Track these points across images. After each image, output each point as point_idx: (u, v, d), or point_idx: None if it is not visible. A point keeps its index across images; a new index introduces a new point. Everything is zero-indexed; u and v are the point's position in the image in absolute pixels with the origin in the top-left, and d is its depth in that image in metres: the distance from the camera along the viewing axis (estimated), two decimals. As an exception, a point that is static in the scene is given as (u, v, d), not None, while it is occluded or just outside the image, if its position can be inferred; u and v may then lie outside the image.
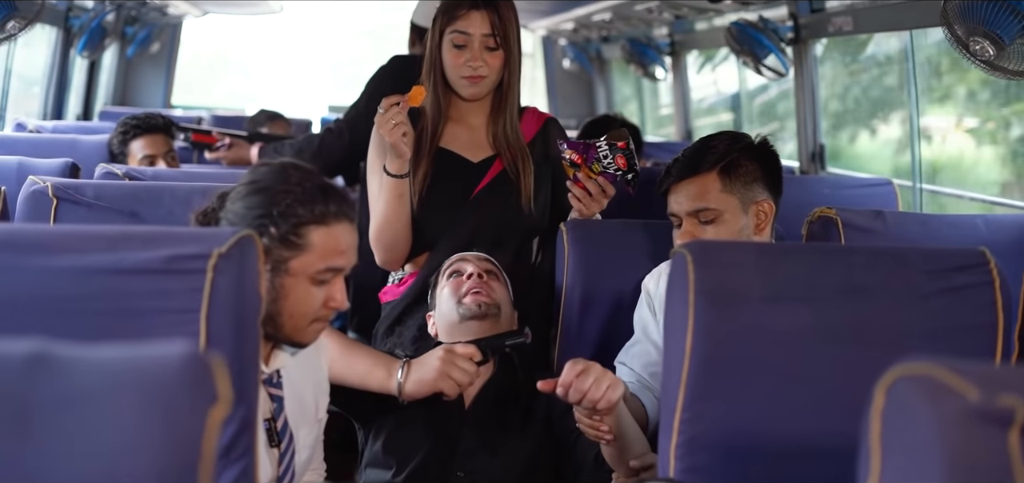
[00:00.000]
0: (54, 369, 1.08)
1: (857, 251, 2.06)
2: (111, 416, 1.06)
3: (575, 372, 2.21)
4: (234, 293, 1.85)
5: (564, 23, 8.08)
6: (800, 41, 4.67)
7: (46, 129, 5.54)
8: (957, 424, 1.14)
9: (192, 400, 1.08)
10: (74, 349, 1.11)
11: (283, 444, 2.20)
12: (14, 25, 4.41)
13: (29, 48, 6.52)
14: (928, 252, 2.08)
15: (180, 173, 3.68)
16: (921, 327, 1.99)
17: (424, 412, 2.73)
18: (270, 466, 2.19)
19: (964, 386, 1.15)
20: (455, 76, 3.15)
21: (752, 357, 1.95)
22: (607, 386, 2.22)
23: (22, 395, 1.07)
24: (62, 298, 1.83)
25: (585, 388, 2.21)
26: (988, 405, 1.14)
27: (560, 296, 3.06)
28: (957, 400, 1.15)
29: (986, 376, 1.17)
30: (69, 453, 1.05)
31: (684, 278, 1.96)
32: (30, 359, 1.08)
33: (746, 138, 2.82)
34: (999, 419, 1.14)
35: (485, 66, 3.12)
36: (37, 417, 1.06)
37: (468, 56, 3.11)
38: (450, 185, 3.14)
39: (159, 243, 1.86)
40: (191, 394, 1.08)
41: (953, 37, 2.99)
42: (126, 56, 8.57)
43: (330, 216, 2.14)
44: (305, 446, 2.30)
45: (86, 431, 1.05)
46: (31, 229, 1.93)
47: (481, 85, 3.15)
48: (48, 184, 2.68)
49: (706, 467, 1.97)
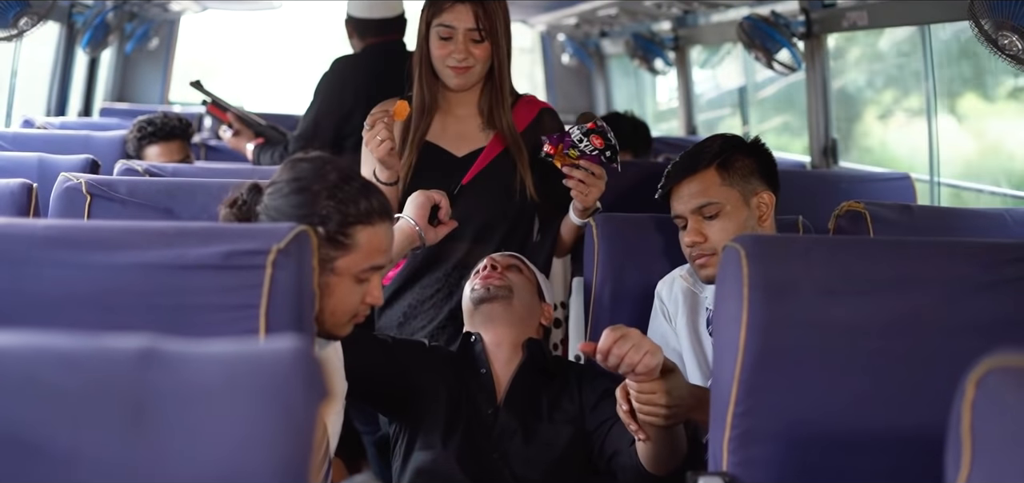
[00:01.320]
0: (167, 364, 1.08)
1: (909, 243, 2.07)
2: (229, 411, 1.06)
3: (614, 337, 2.21)
4: (293, 288, 1.86)
5: (566, 18, 8.09)
6: (812, 36, 4.69)
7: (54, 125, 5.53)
8: (1053, 416, 1.15)
9: (306, 395, 1.09)
10: (181, 344, 1.11)
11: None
12: (26, 22, 4.39)
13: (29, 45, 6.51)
14: (977, 244, 2.09)
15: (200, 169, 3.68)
16: (976, 319, 1.99)
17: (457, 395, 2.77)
18: None
19: (1058, 377, 1.17)
20: (441, 66, 3.18)
21: (807, 350, 1.95)
22: (645, 352, 2.22)
23: (136, 390, 1.07)
24: (124, 293, 1.85)
25: (623, 352, 2.20)
26: (1084, 396, 1.15)
27: (589, 290, 3.07)
28: (1052, 391, 1.16)
29: (1079, 367, 1.18)
30: (186, 448, 1.06)
31: (738, 271, 1.96)
32: (142, 354, 1.09)
33: (738, 138, 2.90)
34: (1094, 409, 1.15)
35: (471, 57, 3.15)
36: (152, 412, 1.06)
37: (453, 48, 3.15)
38: (431, 178, 3.12)
39: (218, 239, 1.87)
40: (304, 389, 1.09)
41: (981, 32, 3.00)
42: (124, 52, 8.54)
43: (375, 214, 2.17)
44: (334, 435, 2.31)
45: (204, 426, 1.06)
46: (89, 225, 1.94)
47: (468, 75, 3.18)
48: (82, 181, 2.68)
49: (760, 460, 1.97)
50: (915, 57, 4.72)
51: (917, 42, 4.49)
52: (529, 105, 3.33)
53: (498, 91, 3.22)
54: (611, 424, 2.64)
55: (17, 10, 4.37)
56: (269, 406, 1.07)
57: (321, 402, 1.11)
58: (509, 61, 3.25)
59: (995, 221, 3.04)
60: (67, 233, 1.88)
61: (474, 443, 2.72)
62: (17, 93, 6.25)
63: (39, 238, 1.86)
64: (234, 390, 1.07)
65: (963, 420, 1.24)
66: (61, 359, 1.08)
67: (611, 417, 2.60)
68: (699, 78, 7.42)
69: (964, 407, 1.24)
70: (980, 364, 1.23)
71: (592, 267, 3.05)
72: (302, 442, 1.08)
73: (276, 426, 1.06)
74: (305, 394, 1.09)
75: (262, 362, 1.09)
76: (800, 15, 4.68)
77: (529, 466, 2.71)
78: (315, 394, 1.10)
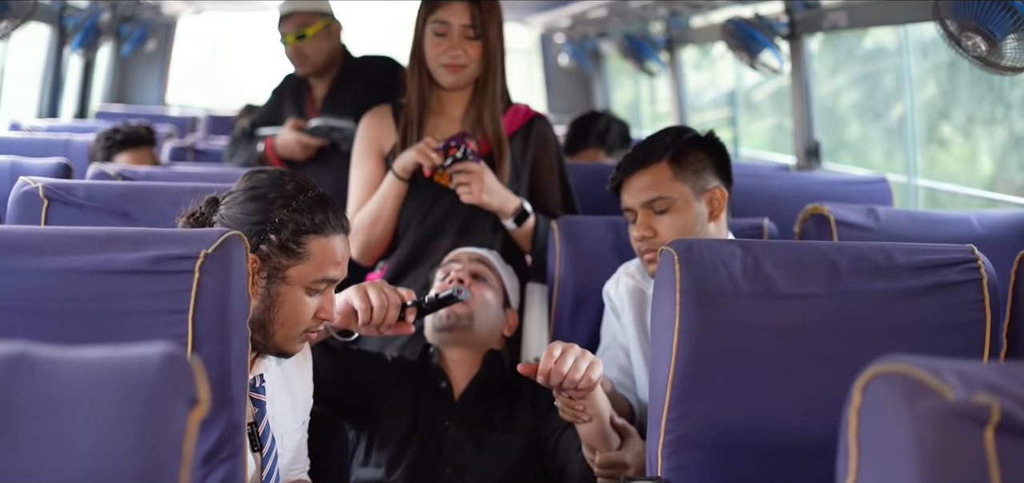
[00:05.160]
0: (35, 371, 1.08)
1: (844, 248, 2.05)
2: (92, 417, 1.06)
3: (554, 357, 2.19)
4: (221, 293, 1.86)
5: (561, 19, 8.09)
6: (796, 37, 4.68)
7: (41, 129, 5.54)
8: (933, 423, 1.14)
9: (172, 402, 1.09)
10: (55, 351, 1.11)
11: (265, 448, 2.21)
12: (7, 25, 4.40)
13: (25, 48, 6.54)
14: (916, 249, 2.07)
15: (172, 173, 3.67)
16: (909, 324, 1.99)
17: (412, 409, 2.75)
18: (255, 469, 2.20)
19: (940, 385, 1.16)
20: (435, 64, 3.23)
21: (739, 355, 1.95)
22: (587, 366, 2.19)
23: (3, 397, 1.07)
24: (52, 299, 1.85)
25: (565, 371, 2.18)
26: (964, 404, 1.14)
27: (551, 292, 3.07)
28: (933, 399, 1.15)
29: (962, 374, 1.17)
30: (51, 454, 1.06)
31: (670, 276, 1.96)
32: (11, 360, 1.09)
33: (692, 131, 2.86)
34: (975, 418, 1.14)
35: (464, 55, 3.19)
36: (18, 418, 1.06)
37: (448, 45, 3.19)
38: (423, 179, 3.18)
39: (147, 244, 1.88)
40: (171, 396, 1.09)
41: (946, 33, 2.99)
42: (122, 55, 8.58)
43: (329, 227, 2.17)
44: (288, 449, 2.31)
45: (67, 432, 1.06)
46: (20, 231, 1.93)
47: (461, 74, 3.22)
48: (39, 185, 2.67)
49: (693, 465, 1.97)
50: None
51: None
52: (521, 112, 3.36)
53: (490, 93, 3.25)
54: (561, 432, 2.63)
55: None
56: (132, 412, 1.06)
57: (191, 409, 1.10)
58: (503, 66, 3.28)
59: (961, 224, 3.03)
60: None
61: (427, 457, 2.71)
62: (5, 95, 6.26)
63: (-32, 244, 1.86)
64: (98, 396, 1.07)
65: (850, 426, 1.24)
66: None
67: (561, 425, 2.59)
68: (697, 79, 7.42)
69: (851, 413, 1.23)
70: (865, 370, 1.22)
71: (554, 269, 3.04)
72: (167, 450, 1.08)
73: (140, 432, 1.06)
74: (170, 400, 1.08)
75: (128, 368, 1.08)
76: (784, 16, 4.67)
77: (481, 477, 2.70)
78: (182, 401, 1.10)
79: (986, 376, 1.18)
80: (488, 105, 3.25)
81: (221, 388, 1.88)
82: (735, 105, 6.78)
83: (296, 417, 2.36)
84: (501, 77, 3.28)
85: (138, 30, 8.34)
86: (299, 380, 2.39)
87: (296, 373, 2.38)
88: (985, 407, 1.14)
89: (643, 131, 8.04)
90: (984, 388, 1.15)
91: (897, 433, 1.16)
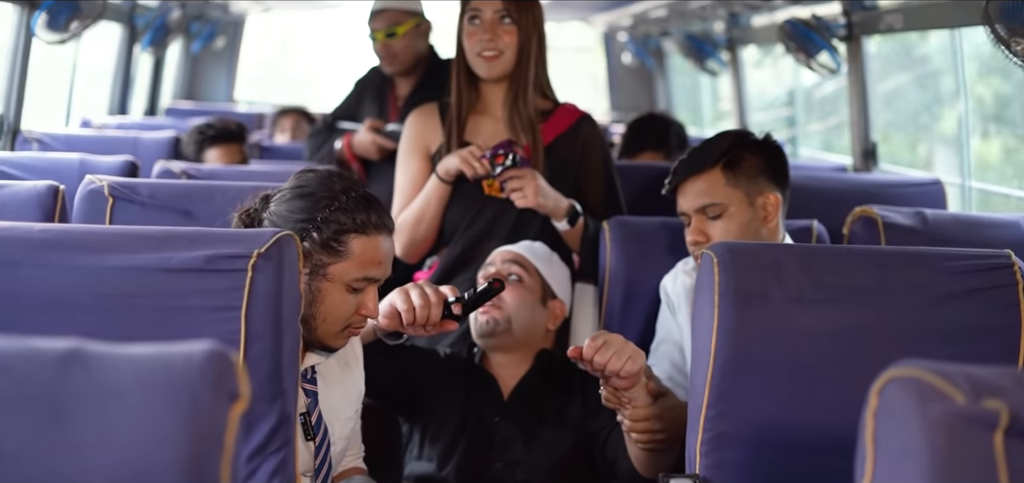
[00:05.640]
0: (87, 365, 1.16)
1: (882, 252, 2.09)
2: (139, 410, 1.13)
3: (596, 345, 2.24)
4: (273, 292, 1.93)
5: (623, 18, 8.12)
6: (853, 38, 4.68)
7: (111, 125, 5.68)
8: (944, 426, 1.18)
9: (214, 396, 1.15)
10: (106, 347, 1.19)
11: (318, 437, 2.28)
12: (77, 25, 4.52)
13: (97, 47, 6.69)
14: (954, 254, 2.10)
15: (235, 172, 3.77)
16: (944, 328, 2.02)
17: (463, 405, 2.81)
18: (308, 457, 2.27)
19: (951, 389, 1.19)
20: (472, 55, 3.25)
21: (776, 356, 1.99)
22: (628, 357, 2.25)
23: (57, 391, 1.14)
24: (111, 295, 1.93)
25: (605, 360, 2.24)
26: (974, 408, 1.18)
27: (602, 292, 3.11)
28: (944, 403, 1.19)
29: (973, 379, 1.21)
30: (99, 443, 1.13)
31: (710, 279, 2.01)
32: (65, 356, 1.16)
33: (749, 134, 2.88)
34: (985, 422, 1.18)
35: (499, 42, 3.21)
36: (70, 410, 1.14)
37: (481, 32, 3.21)
38: (467, 179, 3.21)
39: (202, 243, 1.95)
40: (214, 391, 1.15)
41: (995, 36, 3.00)
42: (191, 52, 8.74)
43: (371, 227, 2.23)
44: (340, 438, 2.38)
45: (115, 423, 1.13)
46: (82, 229, 2.02)
47: (496, 64, 3.24)
48: (104, 183, 2.77)
49: (731, 463, 2.02)
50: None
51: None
52: (569, 113, 3.37)
53: (524, 82, 3.26)
54: (611, 428, 2.68)
55: (69, 13, 4.50)
56: (176, 406, 1.13)
57: (232, 404, 1.17)
58: (541, 57, 3.29)
59: (1009, 227, 3.04)
60: (59, 236, 1.96)
61: (478, 452, 2.77)
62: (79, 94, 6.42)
63: (34, 241, 1.95)
64: (145, 390, 1.14)
65: (867, 428, 1.27)
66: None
67: (610, 422, 2.64)
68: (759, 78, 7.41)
69: (868, 415, 1.27)
70: (882, 374, 1.26)
71: (605, 269, 3.08)
72: (210, 442, 1.15)
73: (183, 425, 1.13)
74: (213, 395, 1.15)
75: (173, 364, 1.15)
76: (842, 17, 4.67)
77: (532, 471, 2.76)
78: (224, 395, 1.16)
79: (997, 381, 1.22)
80: (522, 96, 3.26)
81: (273, 382, 1.95)
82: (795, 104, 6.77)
83: (348, 406, 2.43)
84: (539, 68, 3.29)
85: (207, 28, 8.49)
86: (349, 371, 2.47)
87: (347, 364, 2.46)
88: (994, 412, 1.18)
89: (705, 130, 8.05)
90: (994, 393, 1.19)
91: (909, 435, 1.20)
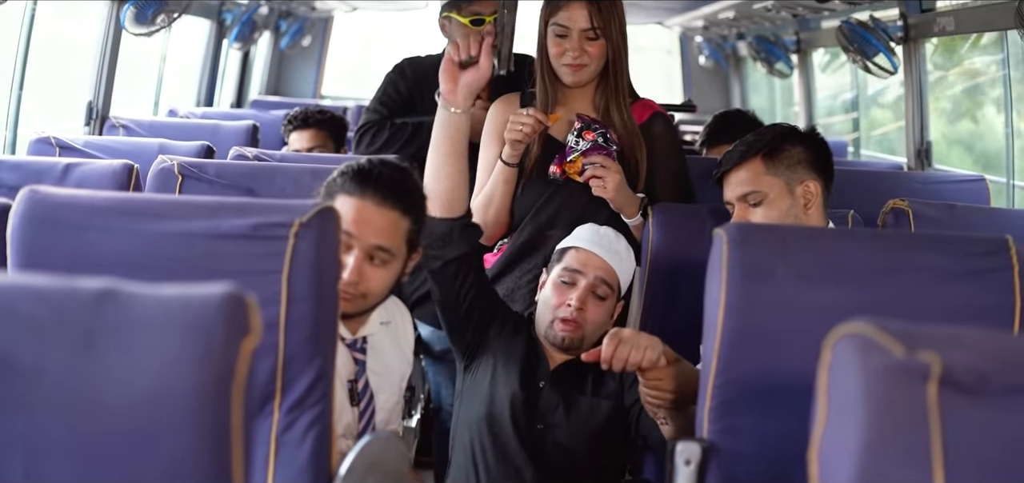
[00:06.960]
0: (119, 301, 1.33)
1: (884, 236, 2.20)
2: (162, 340, 1.30)
3: (612, 346, 2.39)
4: (313, 258, 2.09)
5: (696, 21, 8.21)
6: (909, 40, 4.75)
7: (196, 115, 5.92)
8: (881, 376, 1.30)
9: (228, 331, 1.32)
10: (138, 286, 1.36)
11: (362, 403, 2.45)
12: (164, 18, 4.76)
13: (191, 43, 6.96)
14: (954, 237, 2.20)
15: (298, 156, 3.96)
16: (942, 307, 2.12)
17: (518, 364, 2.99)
18: (353, 421, 2.44)
19: (891, 342, 1.31)
20: (558, 64, 3.33)
21: (780, 329, 2.10)
22: (645, 347, 2.39)
23: (91, 322, 1.32)
24: (169, 257, 2.11)
25: (624, 357, 2.38)
26: (909, 359, 1.30)
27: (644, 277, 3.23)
28: (883, 355, 1.31)
29: (910, 334, 1.32)
30: (127, 370, 1.29)
31: (719, 257, 2.14)
32: (101, 293, 1.33)
33: (794, 128, 2.99)
34: (920, 372, 1.30)
35: (585, 55, 3.29)
36: (102, 339, 1.31)
37: (568, 46, 3.29)
38: (544, 168, 3.33)
39: (250, 213, 2.13)
40: (227, 326, 1.32)
41: (1029, 37, 3.08)
42: (279, 48, 9.00)
43: (357, 192, 2.41)
44: (384, 408, 2.54)
45: (142, 353, 1.30)
46: (143, 198, 2.21)
47: (582, 73, 3.32)
48: (174, 162, 2.97)
49: (737, 429, 2.13)
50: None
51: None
52: (644, 107, 3.45)
53: (613, 88, 3.34)
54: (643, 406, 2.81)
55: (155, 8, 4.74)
56: (194, 338, 1.30)
57: (243, 338, 1.33)
58: (625, 59, 3.36)
59: (1039, 221, 3.11)
60: (120, 204, 2.15)
61: (524, 410, 2.94)
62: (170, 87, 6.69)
63: (99, 208, 2.14)
64: (168, 324, 1.31)
65: (821, 380, 1.39)
66: (35, 295, 1.34)
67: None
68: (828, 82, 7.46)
69: (821, 369, 1.39)
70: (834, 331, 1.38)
71: (647, 256, 3.20)
72: (222, 371, 1.31)
73: (199, 355, 1.30)
74: (226, 329, 1.32)
75: (193, 302, 1.32)
76: (898, 20, 4.74)
77: (570, 436, 2.92)
78: (237, 330, 1.33)
79: (935, 336, 1.34)
80: (614, 98, 3.33)
81: (312, 342, 2.11)
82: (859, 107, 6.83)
83: (394, 380, 2.60)
84: (625, 74, 3.36)
85: (295, 25, 8.73)
86: (400, 350, 2.64)
87: (398, 343, 2.63)
88: (927, 363, 1.30)
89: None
90: (929, 345, 1.31)
91: (852, 386, 1.32)
